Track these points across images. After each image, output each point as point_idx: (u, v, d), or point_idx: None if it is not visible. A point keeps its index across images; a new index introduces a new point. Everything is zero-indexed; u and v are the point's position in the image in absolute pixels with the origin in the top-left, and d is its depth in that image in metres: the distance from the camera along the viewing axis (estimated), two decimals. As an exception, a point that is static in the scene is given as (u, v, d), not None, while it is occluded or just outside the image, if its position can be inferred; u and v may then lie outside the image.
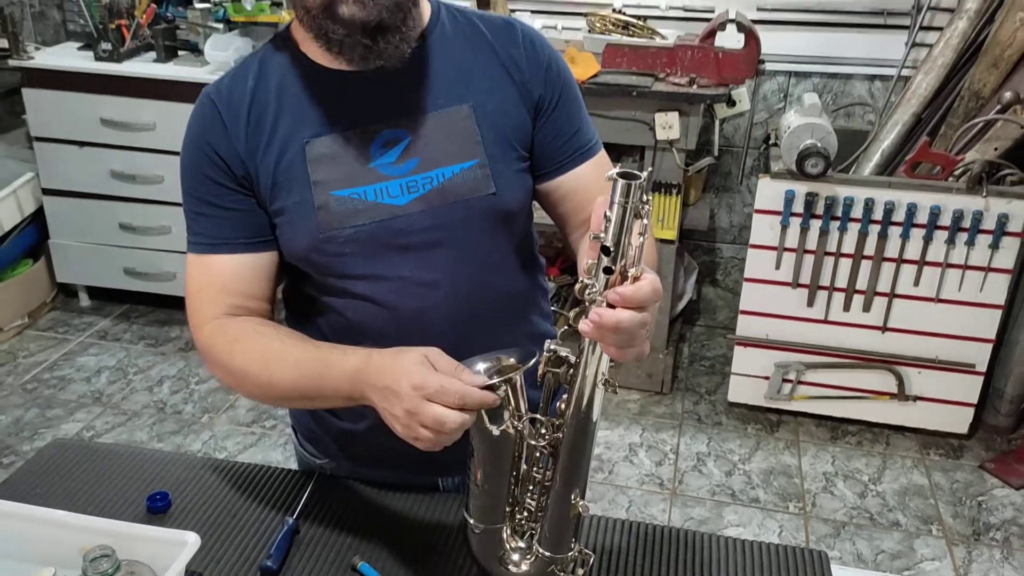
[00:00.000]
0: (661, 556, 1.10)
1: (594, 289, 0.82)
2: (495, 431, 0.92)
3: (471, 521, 0.99)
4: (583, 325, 0.83)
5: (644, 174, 0.79)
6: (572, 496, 0.93)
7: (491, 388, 0.89)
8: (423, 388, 0.87)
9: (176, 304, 3.29)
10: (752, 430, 2.77)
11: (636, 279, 0.82)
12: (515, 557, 0.98)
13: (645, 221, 0.81)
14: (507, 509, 0.98)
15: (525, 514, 0.98)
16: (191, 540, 1.02)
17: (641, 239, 0.81)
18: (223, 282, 1.08)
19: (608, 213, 0.80)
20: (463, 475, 0.98)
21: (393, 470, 1.19)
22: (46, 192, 3.17)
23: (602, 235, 0.81)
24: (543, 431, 0.93)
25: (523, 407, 0.93)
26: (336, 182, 1.05)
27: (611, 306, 0.81)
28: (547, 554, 0.96)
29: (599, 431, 2.71)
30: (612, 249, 0.80)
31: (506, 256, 1.14)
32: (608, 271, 0.81)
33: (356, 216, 1.05)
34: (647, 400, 2.90)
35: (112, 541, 0.99)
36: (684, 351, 3.20)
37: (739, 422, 2.80)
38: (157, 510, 1.15)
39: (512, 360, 0.95)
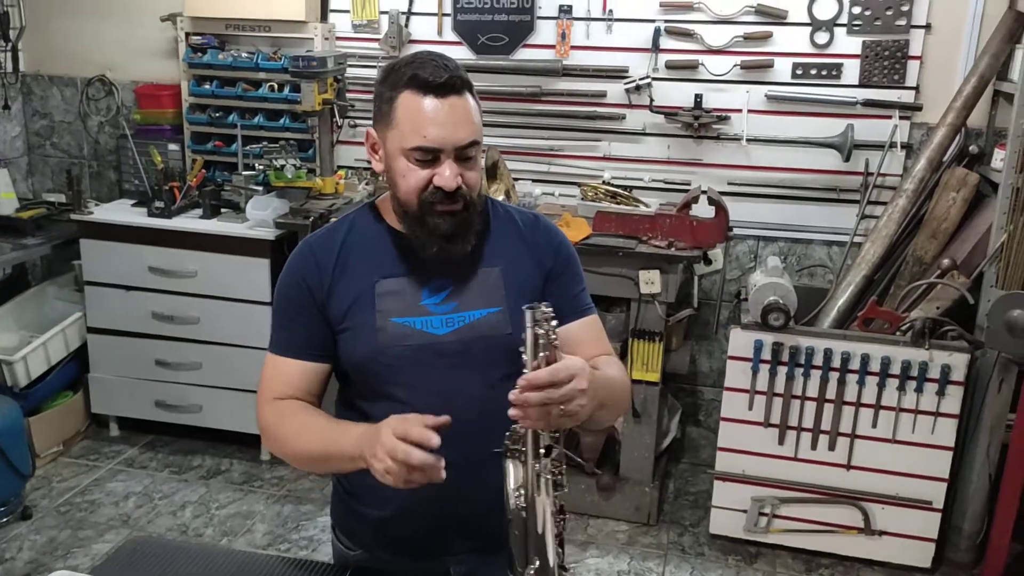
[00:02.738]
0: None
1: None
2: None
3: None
4: (512, 411, 1.16)
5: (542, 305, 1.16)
6: None
7: None
8: (395, 428, 1.19)
9: (199, 435, 3.55)
10: (732, 561, 2.98)
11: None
12: None
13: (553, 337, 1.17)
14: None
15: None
16: (258, 611, 1.28)
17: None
18: (287, 379, 1.44)
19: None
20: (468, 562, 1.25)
21: (413, 555, 1.47)
22: (91, 330, 3.50)
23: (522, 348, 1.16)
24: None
25: None
26: (395, 312, 1.41)
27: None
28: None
29: (591, 559, 2.92)
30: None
31: (511, 381, 1.46)
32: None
33: (406, 339, 1.40)
34: (635, 531, 3.13)
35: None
36: (670, 486, 3.44)
37: (720, 553, 3.02)
38: (223, 593, 1.41)
39: None
